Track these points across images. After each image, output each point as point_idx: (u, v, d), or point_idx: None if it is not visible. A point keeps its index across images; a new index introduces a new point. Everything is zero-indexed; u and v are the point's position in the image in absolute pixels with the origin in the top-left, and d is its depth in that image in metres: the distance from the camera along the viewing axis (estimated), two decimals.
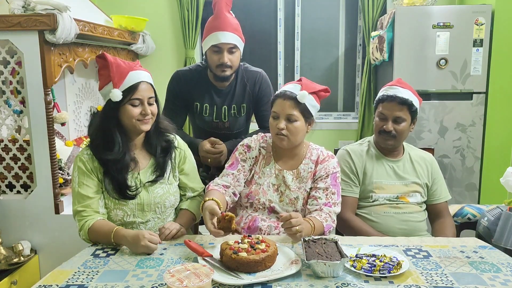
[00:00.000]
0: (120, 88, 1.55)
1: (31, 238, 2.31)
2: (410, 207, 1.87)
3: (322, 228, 1.61)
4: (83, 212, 1.56)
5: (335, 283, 1.25)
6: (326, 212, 1.67)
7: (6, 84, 2.24)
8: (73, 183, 1.60)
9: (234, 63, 2.03)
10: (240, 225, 1.73)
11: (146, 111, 1.58)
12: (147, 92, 1.59)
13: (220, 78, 2.05)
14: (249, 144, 1.80)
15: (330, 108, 3.77)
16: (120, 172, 1.59)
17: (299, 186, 1.73)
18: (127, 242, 1.47)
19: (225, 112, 2.15)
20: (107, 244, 1.54)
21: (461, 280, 1.27)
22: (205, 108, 2.14)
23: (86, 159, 1.60)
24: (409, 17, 2.94)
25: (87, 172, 1.59)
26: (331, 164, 1.75)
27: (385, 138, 1.86)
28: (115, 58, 1.59)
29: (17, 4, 2.07)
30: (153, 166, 1.68)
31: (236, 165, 1.77)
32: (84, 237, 1.56)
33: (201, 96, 2.14)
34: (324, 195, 1.70)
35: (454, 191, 3.01)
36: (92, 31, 2.37)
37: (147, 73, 1.63)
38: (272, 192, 1.73)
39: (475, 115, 3.00)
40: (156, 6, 3.47)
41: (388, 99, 1.83)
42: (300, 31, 3.64)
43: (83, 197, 1.57)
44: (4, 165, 2.28)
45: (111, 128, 1.58)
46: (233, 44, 1.98)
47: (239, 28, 2.04)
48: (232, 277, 1.28)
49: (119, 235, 1.49)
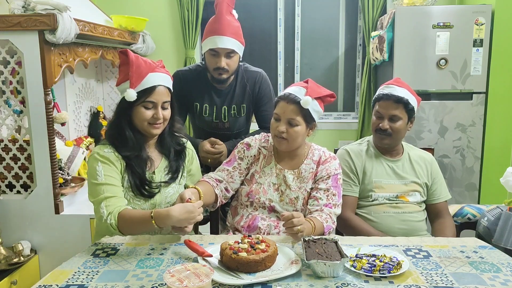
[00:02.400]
0: (136, 89, 1.53)
1: (31, 238, 2.31)
2: (410, 206, 1.87)
3: (322, 228, 1.61)
4: (112, 199, 1.51)
5: (335, 283, 1.25)
6: (327, 213, 1.67)
7: (6, 84, 2.23)
8: (95, 176, 1.54)
9: (231, 67, 2.02)
10: (240, 224, 1.74)
11: (158, 115, 1.56)
12: (162, 96, 1.58)
13: (217, 80, 2.06)
14: (249, 143, 1.81)
15: (330, 108, 3.78)
16: (141, 167, 1.58)
17: (300, 186, 1.74)
18: (177, 219, 1.40)
19: (225, 112, 2.15)
20: (138, 231, 1.51)
21: (461, 280, 1.27)
22: (205, 108, 2.14)
23: (107, 153, 1.57)
24: (409, 17, 2.94)
25: (111, 165, 1.56)
26: (332, 165, 1.75)
27: (381, 137, 1.87)
28: (137, 57, 1.56)
29: (17, 4, 2.07)
30: (167, 167, 1.68)
31: (232, 162, 1.79)
32: (113, 220, 1.47)
33: (201, 96, 2.13)
34: (325, 196, 1.70)
35: (454, 191, 3.01)
36: (92, 31, 2.37)
37: (166, 76, 1.61)
38: (272, 192, 1.73)
39: (475, 115, 3.00)
40: (156, 6, 3.47)
41: (384, 97, 1.84)
42: (300, 31, 3.65)
43: (111, 186, 1.53)
44: (4, 165, 2.28)
45: (124, 126, 1.58)
46: (231, 49, 1.98)
47: (239, 32, 2.02)
48: (232, 277, 1.28)
49: (162, 215, 1.40)
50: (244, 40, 2.07)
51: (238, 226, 1.74)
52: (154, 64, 1.59)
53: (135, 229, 1.51)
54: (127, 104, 1.55)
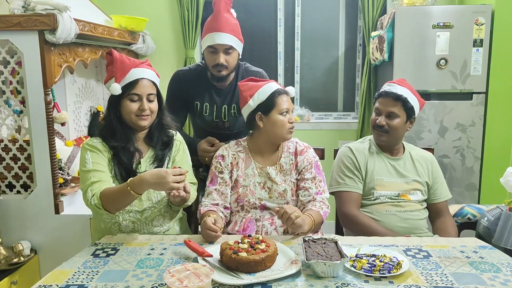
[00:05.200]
0: (121, 83, 1.63)
1: (31, 238, 2.31)
2: (412, 205, 1.87)
3: (320, 216, 1.69)
4: (97, 183, 1.57)
5: (335, 283, 1.25)
6: (319, 200, 1.75)
7: (6, 84, 2.23)
8: (85, 164, 1.62)
9: (231, 64, 2.03)
10: (234, 230, 1.75)
11: (143, 106, 1.64)
12: (146, 89, 1.65)
13: (217, 78, 2.06)
14: (222, 154, 1.83)
15: (330, 108, 3.78)
16: (128, 158, 1.65)
17: (284, 179, 1.78)
18: (149, 183, 1.46)
19: (225, 111, 2.15)
20: (121, 204, 1.53)
21: (461, 280, 1.27)
22: (205, 108, 2.14)
23: (96, 143, 1.66)
24: (409, 17, 2.94)
25: (99, 153, 1.64)
26: (310, 154, 1.83)
27: (378, 133, 1.90)
28: (122, 55, 1.67)
29: (17, 4, 2.07)
30: (153, 156, 1.73)
31: (215, 180, 1.79)
32: (97, 200, 1.53)
33: (201, 95, 2.14)
34: (314, 184, 1.78)
35: (454, 191, 3.01)
36: (92, 31, 2.37)
37: (150, 71, 1.70)
38: (259, 190, 1.76)
39: (475, 115, 3.00)
40: (156, 6, 3.46)
41: (384, 94, 1.88)
42: (300, 31, 3.64)
43: (98, 172, 1.60)
44: (4, 165, 2.28)
45: (113, 120, 1.66)
46: (229, 45, 1.98)
47: (238, 29, 2.03)
48: (232, 277, 1.28)
49: (135, 181, 1.48)
50: (244, 40, 2.08)
51: (233, 232, 1.76)
52: (139, 61, 1.70)
53: (118, 203, 1.54)
54: (115, 98, 1.65)
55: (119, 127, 1.66)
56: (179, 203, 1.71)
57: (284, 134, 1.75)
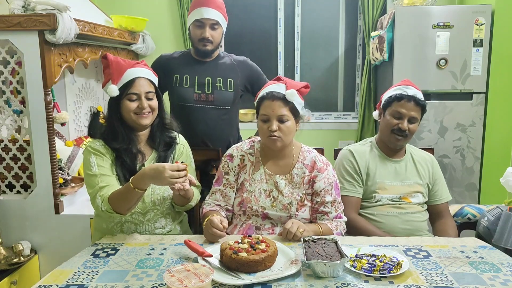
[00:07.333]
0: (118, 84, 1.64)
1: (31, 238, 2.31)
2: (413, 207, 1.87)
3: (330, 232, 1.65)
4: (105, 188, 1.58)
5: (335, 283, 1.25)
6: (336, 223, 1.71)
7: (6, 84, 2.23)
8: (90, 167, 1.62)
9: (216, 39, 2.12)
10: (234, 233, 1.73)
11: (142, 104, 1.64)
12: (144, 87, 1.66)
13: (202, 53, 2.13)
14: (231, 153, 1.78)
15: (330, 108, 3.77)
16: (131, 160, 1.66)
17: (292, 191, 1.71)
18: (149, 176, 1.48)
19: (208, 83, 2.15)
20: (129, 203, 1.53)
21: (461, 280, 1.27)
22: (185, 79, 2.16)
23: (98, 146, 1.66)
24: (409, 17, 2.94)
25: (103, 156, 1.64)
26: (330, 173, 1.73)
27: (397, 138, 1.84)
28: (116, 58, 1.68)
29: (17, 4, 2.06)
30: (155, 159, 1.72)
31: (221, 180, 1.77)
32: (106, 206, 1.55)
33: (181, 68, 2.18)
34: (333, 208, 1.71)
35: (454, 191, 3.01)
36: (92, 31, 2.37)
37: (147, 70, 1.71)
38: (264, 198, 1.70)
39: (475, 115, 3.00)
40: (156, 6, 3.47)
41: (406, 98, 1.82)
42: (300, 31, 3.64)
43: (105, 176, 1.60)
44: (4, 165, 2.28)
45: (114, 122, 1.66)
46: (215, 20, 2.08)
47: (223, 7, 2.14)
48: (232, 277, 1.28)
49: (137, 177, 1.50)
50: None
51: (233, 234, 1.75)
52: (135, 62, 1.72)
53: (126, 203, 1.54)
54: (114, 100, 1.66)
55: (121, 129, 1.66)
56: (183, 203, 1.70)
57: (266, 142, 1.68)
